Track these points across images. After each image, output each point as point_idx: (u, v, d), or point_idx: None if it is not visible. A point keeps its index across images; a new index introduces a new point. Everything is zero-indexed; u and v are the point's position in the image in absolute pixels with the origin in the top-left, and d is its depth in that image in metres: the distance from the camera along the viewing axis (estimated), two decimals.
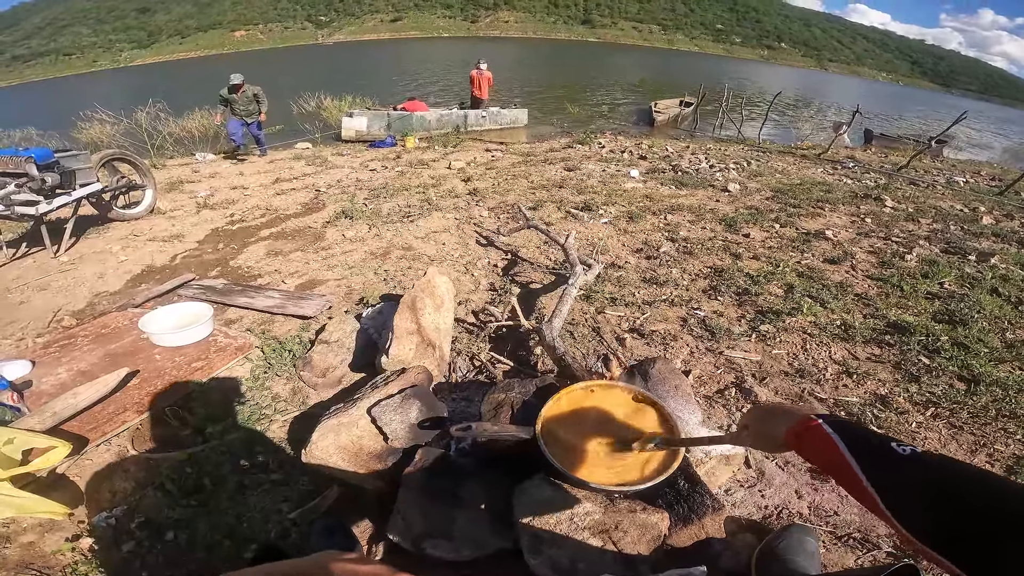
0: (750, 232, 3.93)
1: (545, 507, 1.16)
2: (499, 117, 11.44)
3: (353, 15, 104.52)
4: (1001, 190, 6.24)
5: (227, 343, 2.25)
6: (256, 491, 1.56)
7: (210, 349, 2.18)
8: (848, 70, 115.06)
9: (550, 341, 1.77)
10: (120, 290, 3.11)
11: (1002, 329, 2.62)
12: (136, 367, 2.01)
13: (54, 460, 1.48)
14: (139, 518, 1.47)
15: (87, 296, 3.04)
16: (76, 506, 1.51)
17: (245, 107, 7.40)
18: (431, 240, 3.77)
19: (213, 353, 2.16)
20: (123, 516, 1.47)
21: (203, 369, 2.04)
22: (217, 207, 4.77)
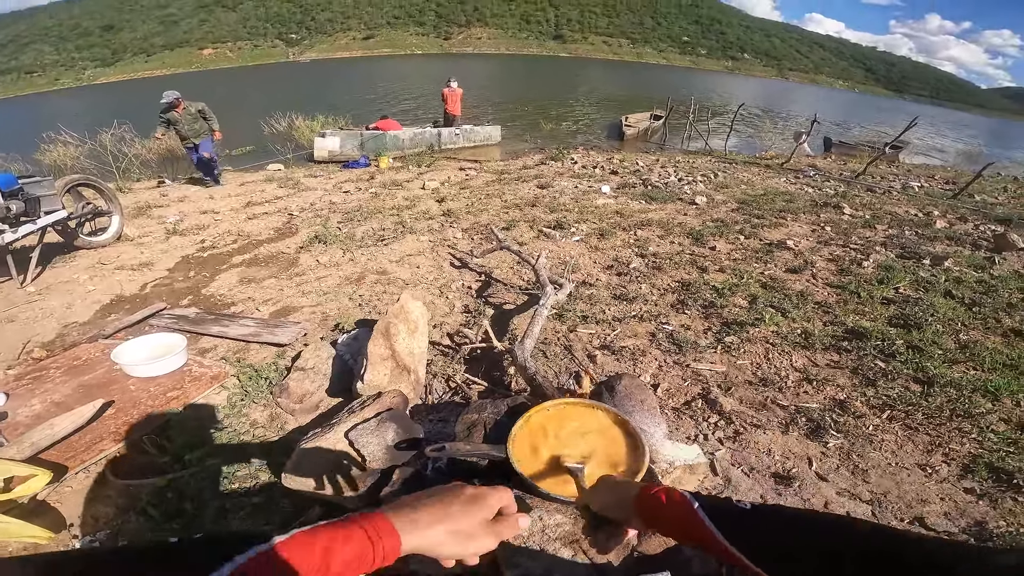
0: (716, 245, 4.07)
1: None
2: (472, 134, 11.57)
3: (324, 33, 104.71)
4: (955, 193, 6.56)
5: (201, 372, 2.27)
6: (238, 514, 1.59)
7: (184, 379, 2.21)
8: (807, 78, 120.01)
9: (522, 362, 1.82)
10: (89, 321, 3.07)
11: (955, 331, 2.75)
12: (111, 398, 2.04)
13: (35, 487, 1.53)
14: (122, 541, 1.50)
15: (56, 327, 2.99)
16: (59, 531, 1.53)
17: (190, 126, 6.60)
18: (405, 263, 3.79)
19: (188, 383, 2.18)
20: (107, 540, 1.51)
21: (178, 398, 2.07)
22: (187, 233, 4.68)
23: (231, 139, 10.93)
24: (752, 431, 1.96)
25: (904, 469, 1.81)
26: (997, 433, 1.97)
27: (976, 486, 1.74)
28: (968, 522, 1.59)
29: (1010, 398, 2.19)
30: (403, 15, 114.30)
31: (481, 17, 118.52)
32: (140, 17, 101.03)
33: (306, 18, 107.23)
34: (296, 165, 8.88)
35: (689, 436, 1.93)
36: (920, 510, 1.63)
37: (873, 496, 1.69)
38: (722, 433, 1.96)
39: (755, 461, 1.82)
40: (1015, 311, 3.00)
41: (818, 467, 1.81)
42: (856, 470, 1.80)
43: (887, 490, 1.71)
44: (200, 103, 6.66)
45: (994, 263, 3.80)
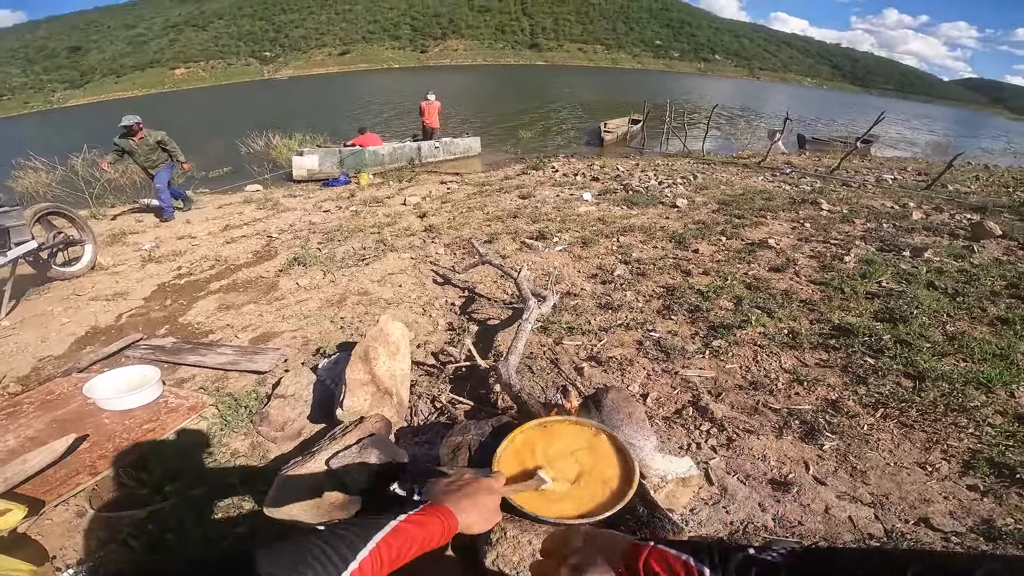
0: (699, 247, 4.07)
1: (509, 546, 1.16)
2: (452, 147, 11.56)
3: (299, 50, 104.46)
4: (928, 184, 6.70)
5: (178, 403, 2.25)
6: (221, 544, 1.57)
7: (161, 411, 2.20)
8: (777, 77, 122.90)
9: (506, 379, 1.77)
10: (64, 354, 3.00)
11: (942, 322, 2.75)
12: (85, 432, 2.03)
13: (12, 522, 1.56)
14: (104, 572, 1.50)
15: (31, 361, 2.91)
16: (42, 563, 1.54)
17: (146, 156, 6.02)
18: (387, 283, 3.73)
19: (164, 414, 2.18)
20: (88, 572, 1.51)
21: (155, 431, 2.07)
22: (163, 260, 4.58)
23: (207, 161, 10.81)
24: (745, 437, 1.92)
25: (903, 469, 1.78)
26: (994, 426, 1.95)
27: (979, 483, 1.71)
28: (975, 521, 1.55)
29: (1003, 389, 2.17)
30: (378, 29, 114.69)
31: (456, 29, 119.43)
32: (107, 38, 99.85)
33: (279, 36, 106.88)
34: (275, 185, 8.77)
35: (682, 446, 1.89)
36: (924, 510, 1.59)
37: (874, 498, 1.65)
38: (715, 441, 1.92)
39: (751, 468, 1.78)
40: (999, 299, 3.03)
41: (815, 471, 1.77)
42: (855, 472, 1.76)
43: (888, 491, 1.67)
44: (160, 132, 6.12)
45: (973, 252, 3.85)
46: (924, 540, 1.46)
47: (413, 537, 0.64)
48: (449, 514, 0.71)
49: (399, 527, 0.63)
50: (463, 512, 0.73)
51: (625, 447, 1.29)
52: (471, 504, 0.76)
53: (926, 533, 1.50)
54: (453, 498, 0.76)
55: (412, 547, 0.63)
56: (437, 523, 0.68)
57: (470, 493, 0.78)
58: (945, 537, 1.48)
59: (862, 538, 1.48)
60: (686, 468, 1.46)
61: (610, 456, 1.28)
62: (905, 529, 1.51)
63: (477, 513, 0.76)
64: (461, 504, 0.75)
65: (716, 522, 1.54)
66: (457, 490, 0.78)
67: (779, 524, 1.54)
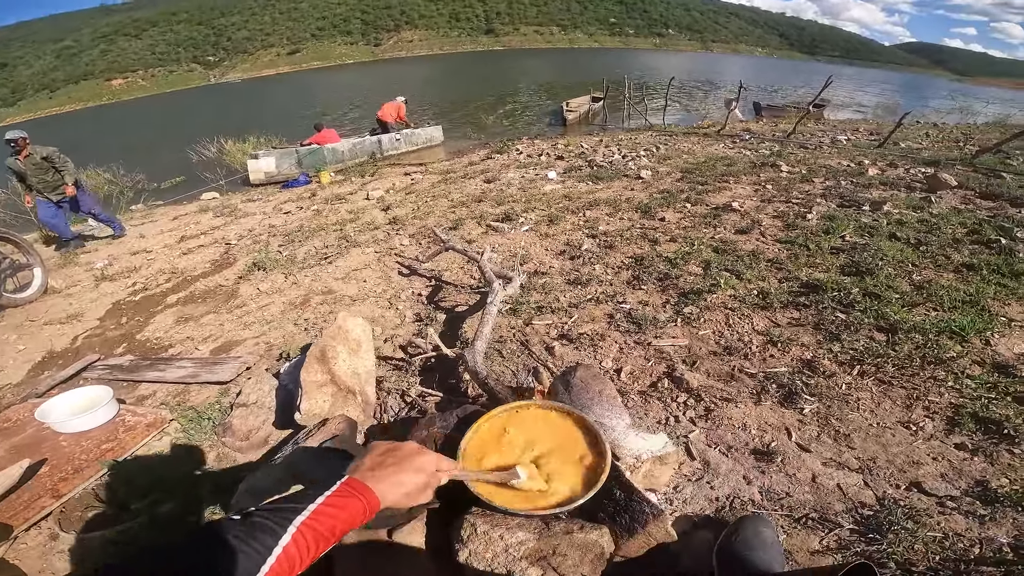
0: (665, 215, 4.04)
1: (480, 542, 1.10)
2: (414, 138, 11.33)
3: (245, 52, 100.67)
4: (880, 142, 6.86)
5: (136, 421, 2.21)
6: None
7: (118, 430, 2.16)
8: (729, 48, 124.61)
9: (473, 366, 1.69)
10: (23, 380, 2.95)
11: (908, 272, 2.75)
12: (43, 456, 2.04)
13: None
14: None
15: None
16: None
17: (39, 178, 5.18)
18: (352, 279, 3.60)
19: (122, 433, 2.13)
20: None
21: (114, 450, 2.03)
22: (117, 277, 4.42)
23: (157, 172, 10.33)
24: (724, 406, 1.86)
25: (887, 429, 1.71)
26: (973, 378, 1.89)
27: (966, 441, 1.64)
28: (968, 483, 1.49)
29: (978, 337, 2.12)
30: (327, 26, 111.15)
31: (409, 20, 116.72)
32: (33, 52, 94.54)
33: (221, 39, 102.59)
34: (232, 191, 8.46)
35: (659, 420, 1.82)
36: (914, 474, 1.53)
37: (861, 463, 1.57)
38: (693, 412, 1.85)
39: (731, 439, 1.71)
40: (962, 246, 3.06)
41: (798, 437, 1.69)
42: (838, 436, 1.69)
43: (875, 455, 1.60)
44: (50, 148, 5.25)
45: (931, 202, 3.91)
46: (919, 506, 1.40)
47: (335, 518, 0.62)
48: (369, 493, 0.68)
49: (319, 510, 0.61)
50: (386, 488, 0.71)
51: (595, 428, 1.23)
52: (394, 482, 0.73)
53: (920, 499, 1.44)
54: (376, 474, 0.73)
55: (335, 528, 0.62)
56: (356, 503, 0.66)
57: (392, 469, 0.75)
58: (940, 502, 1.43)
59: (854, 507, 1.41)
60: (661, 445, 1.39)
61: (580, 440, 1.23)
62: (897, 495, 1.45)
63: (400, 489, 0.74)
64: (384, 480, 0.72)
65: (701, 499, 1.48)
66: (379, 467, 0.74)
67: (766, 497, 1.47)
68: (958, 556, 1.24)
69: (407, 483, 0.75)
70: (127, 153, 12.14)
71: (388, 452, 0.77)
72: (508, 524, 1.10)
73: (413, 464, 0.78)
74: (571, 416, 1.27)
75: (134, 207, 8.00)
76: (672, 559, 1.20)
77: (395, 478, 0.74)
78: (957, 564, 1.22)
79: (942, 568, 1.21)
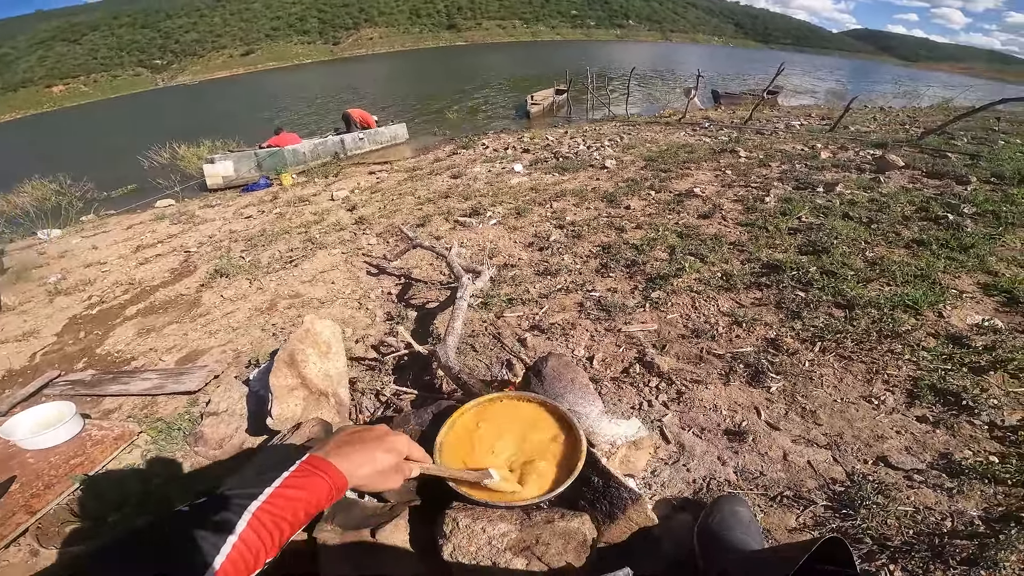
0: (630, 203, 4.10)
1: (463, 536, 1.10)
2: (378, 136, 11.13)
3: (195, 54, 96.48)
4: (831, 127, 7.13)
5: (103, 435, 2.18)
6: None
7: (86, 444, 2.14)
8: (688, 38, 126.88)
9: (445, 362, 1.68)
10: None
11: (861, 250, 2.85)
12: (12, 474, 2.02)
13: None
14: None
15: None
16: None
17: None
18: (319, 282, 3.52)
19: (90, 447, 2.11)
20: None
21: (84, 464, 2.01)
22: (72, 291, 4.22)
23: (106, 180, 9.85)
24: (694, 388, 1.89)
25: (851, 404, 1.74)
26: (929, 350, 1.94)
27: (927, 413, 1.67)
28: (933, 456, 1.51)
29: (931, 310, 2.19)
30: (282, 26, 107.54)
31: (369, 17, 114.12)
32: None
33: (168, 42, 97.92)
34: (190, 197, 8.12)
35: (633, 405, 1.84)
36: (880, 448, 1.56)
37: (829, 439, 1.61)
38: (665, 396, 1.88)
39: (704, 420, 1.74)
40: (911, 223, 3.19)
41: (767, 416, 1.73)
42: (805, 413, 1.73)
43: (841, 431, 1.64)
44: None
45: (880, 183, 4.08)
46: (887, 481, 1.43)
47: (295, 500, 0.58)
48: (332, 470, 0.64)
49: (276, 493, 0.58)
50: (354, 467, 0.68)
51: (569, 417, 1.24)
52: (361, 460, 0.69)
53: (887, 473, 1.46)
54: (341, 451, 0.69)
55: (297, 510, 0.58)
56: (320, 481, 0.62)
57: (359, 447, 0.71)
58: (907, 475, 1.45)
59: (825, 483, 1.44)
60: (635, 430, 1.40)
61: (555, 429, 1.23)
62: (866, 470, 1.47)
63: (369, 467, 0.70)
64: (350, 458, 0.68)
65: (678, 482, 1.50)
66: (344, 445, 0.71)
67: (741, 477, 1.49)
68: (931, 530, 1.26)
69: (377, 460, 0.71)
70: (74, 161, 11.54)
71: (355, 433, 0.74)
72: (489, 517, 1.10)
73: (383, 444, 0.75)
74: (544, 406, 1.28)
75: (84, 218, 7.62)
76: (654, 543, 1.21)
77: (362, 456, 0.70)
78: (931, 538, 1.24)
79: (917, 542, 1.23)
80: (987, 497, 1.35)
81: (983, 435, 1.57)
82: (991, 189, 3.74)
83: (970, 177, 3.96)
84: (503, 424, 1.25)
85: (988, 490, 1.37)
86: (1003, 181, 3.88)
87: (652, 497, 1.44)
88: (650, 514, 1.19)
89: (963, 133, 6.00)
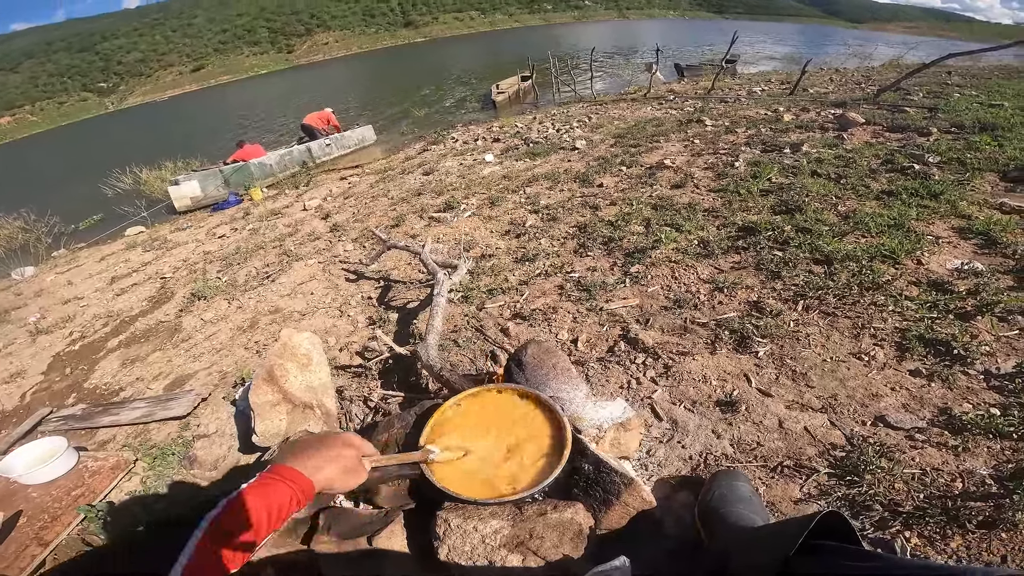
0: (603, 181, 4.10)
1: (457, 537, 1.09)
2: (345, 141, 10.93)
3: (141, 74, 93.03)
4: (791, 90, 7.24)
5: (99, 465, 2.20)
6: None
7: (84, 475, 2.17)
8: (644, 14, 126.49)
9: (427, 360, 1.66)
10: None
11: (833, 205, 2.88)
12: (17, 508, 2.05)
13: None
14: None
15: None
16: None
17: None
18: (298, 294, 3.46)
19: (88, 478, 2.15)
20: None
21: (85, 495, 2.05)
22: (53, 329, 4.15)
23: (71, 212, 9.54)
24: (682, 360, 1.85)
25: (841, 363, 1.69)
26: (912, 299, 1.91)
27: (919, 366, 1.62)
28: (932, 412, 1.46)
29: (909, 258, 2.17)
30: (230, 38, 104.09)
31: (321, 22, 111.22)
32: None
33: (110, 64, 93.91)
34: (159, 222, 7.91)
35: (621, 385, 1.80)
36: (876, 407, 1.50)
37: (823, 402, 1.56)
38: (653, 372, 1.83)
39: (694, 393, 1.69)
40: (879, 175, 3.24)
41: (758, 383, 1.68)
42: (796, 376, 1.67)
43: (834, 392, 1.59)
44: None
45: (843, 139, 4.15)
46: (889, 442, 1.36)
47: (256, 508, 0.58)
48: (295, 474, 0.65)
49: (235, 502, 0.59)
50: (316, 470, 0.69)
51: (552, 405, 1.22)
52: (322, 460, 0.70)
53: (888, 434, 1.40)
54: (301, 457, 0.70)
55: (260, 517, 0.58)
56: (282, 487, 0.63)
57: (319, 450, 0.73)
58: (909, 435, 1.39)
59: (825, 450, 1.38)
60: (620, 412, 1.36)
61: (538, 419, 1.21)
62: (865, 432, 1.42)
63: (332, 466, 0.72)
64: (312, 462, 0.69)
65: (675, 460, 1.45)
66: (302, 451, 0.72)
67: (738, 449, 1.44)
68: (942, 492, 1.21)
69: (339, 459, 0.73)
70: (35, 195, 11.12)
71: (311, 440, 0.79)
72: (480, 515, 1.09)
73: (339, 440, 0.79)
74: (526, 396, 1.26)
75: (56, 253, 7.39)
76: (656, 525, 1.19)
77: (322, 458, 0.71)
78: (944, 501, 1.18)
79: (929, 506, 1.18)
80: (994, 453, 1.29)
81: (980, 386, 1.51)
82: (953, 138, 3.80)
83: (931, 128, 4.04)
84: (485, 420, 1.23)
85: (994, 446, 1.31)
86: (964, 130, 3.96)
87: (650, 478, 1.40)
88: (646, 496, 1.17)
89: (917, 88, 6.11)
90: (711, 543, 1.11)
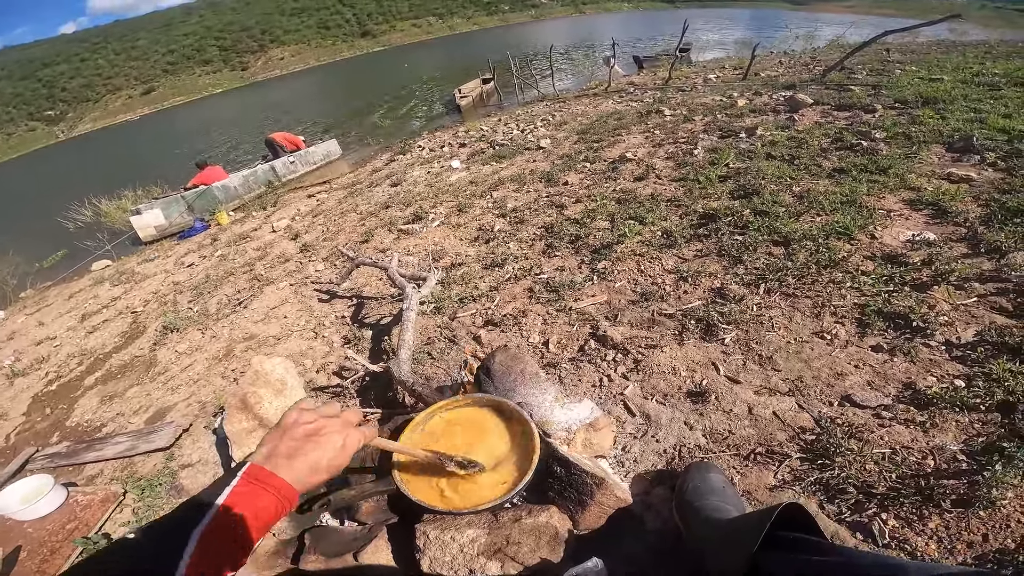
0: (568, 179, 4.15)
1: (436, 548, 1.11)
2: (310, 156, 10.79)
3: (88, 100, 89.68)
4: (743, 76, 7.42)
5: (88, 499, 2.25)
6: None
7: (75, 509, 2.22)
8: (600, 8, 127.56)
9: (399, 376, 1.68)
10: None
11: (788, 186, 2.97)
12: (16, 543, 2.09)
13: None
14: None
15: None
16: None
17: None
18: (271, 319, 3.43)
19: (80, 512, 2.20)
20: None
21: (79, 528, 2.10)
22: (29, 371, 4.07)
23: (33, 249, 9.18)
24: (651, 354, 1.86)
25: (805, 344, 1.70)
26: (868, 274, 1.93)
27: (880, 341, 1.62)
28: (897, 388, 1.44)
29: (863, 233, 2.23)
30: (179, 59, 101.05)
31: (274, 38, 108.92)
32: None
33: (54, 90, 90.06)
34: (125, 255, 7.68)
35: (593, 383, 1.81)
36: (841, 387, 1.50)
37: (790, 384, 1.56)
38: (623, 368, 1.84)
39: (665, 386, 1.69)
40: (829, 154, 3.35)
41: (726, 370, 1.68)
42: (762, 360, 1.68)
43: (800, 373, 1.58)
44: None
45: (794, 121, 4.29)
46: (856, 422, 1.35)
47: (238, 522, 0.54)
48: (278, 482, 0.58)
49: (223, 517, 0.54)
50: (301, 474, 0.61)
51: (519, 412, 1.23)
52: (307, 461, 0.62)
53: (855, 413, 1.39)
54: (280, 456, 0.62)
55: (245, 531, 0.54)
56: (264, 495, 0.57)
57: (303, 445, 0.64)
58: (876, 413, 1.38)
59: (795, 434, 1.38)
60: (588, 412, 1.38)
61: (504, 427, 1.23)
62: (832, 413, 1.41)
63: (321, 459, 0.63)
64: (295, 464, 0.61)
65: (650, 454, 1.45)
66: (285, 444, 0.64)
67: (711, 439, 1.44)
68: (915, 472, 1.20)
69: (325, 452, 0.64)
70: None
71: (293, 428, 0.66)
72: (457, 524, 1.11)
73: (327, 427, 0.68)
74: (491, 405, 1.28)
75: (23, 294, 7.13)
76: (635, 522, 1.20)
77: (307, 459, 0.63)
78: (917, 480, 1.17)
79: (903, 486, 1.17)
80: (963, 427, 1.28)
81: (942, 357, 1.51)
82: (897, 114, 3.96)
83: (876, 105, 4.20)
84: (454, 433, 1.24)
85: (962, 419, 1.30)
86: (907, 105, 4.13)
87: (627, 475, 1.40)
88: (620, 495, 1.19)
89: (861, 67, 6.33)
90: (688, 537, 1.12)
